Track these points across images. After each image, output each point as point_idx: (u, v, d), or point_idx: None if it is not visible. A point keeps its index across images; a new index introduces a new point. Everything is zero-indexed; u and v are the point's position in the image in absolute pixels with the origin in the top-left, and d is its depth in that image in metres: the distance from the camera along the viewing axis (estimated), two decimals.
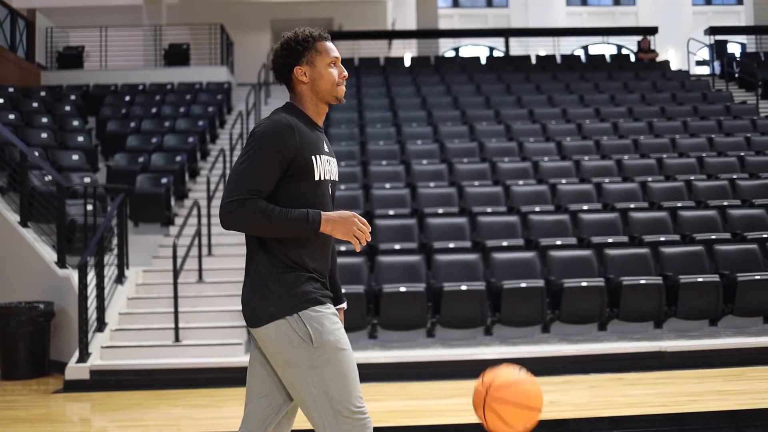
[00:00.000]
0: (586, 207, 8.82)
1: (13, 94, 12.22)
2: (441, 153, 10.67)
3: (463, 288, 7.11)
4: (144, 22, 17.17)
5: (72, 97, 12.96)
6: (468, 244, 8.01)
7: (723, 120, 11.93)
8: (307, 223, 2.38)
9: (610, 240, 8.07)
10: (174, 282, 7.16)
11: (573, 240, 8.16)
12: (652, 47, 16.83)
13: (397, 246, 7.89)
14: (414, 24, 19.01)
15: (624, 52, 19.09)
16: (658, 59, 16.57)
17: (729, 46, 17.84)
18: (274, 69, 2.58)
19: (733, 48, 19.56)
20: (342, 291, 2.75)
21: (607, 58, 16.88)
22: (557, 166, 10.10)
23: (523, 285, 7.15)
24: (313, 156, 2.46)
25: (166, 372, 6.81)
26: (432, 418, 5.54)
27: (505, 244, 7.96)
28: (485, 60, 16.75)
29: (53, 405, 6.27)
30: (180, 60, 15.63)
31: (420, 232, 8.42)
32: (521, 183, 9.50)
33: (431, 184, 9.56)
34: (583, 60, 17.00)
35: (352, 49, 17.45)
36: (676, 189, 9.38)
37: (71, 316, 7.25)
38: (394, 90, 13.66)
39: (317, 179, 2.47)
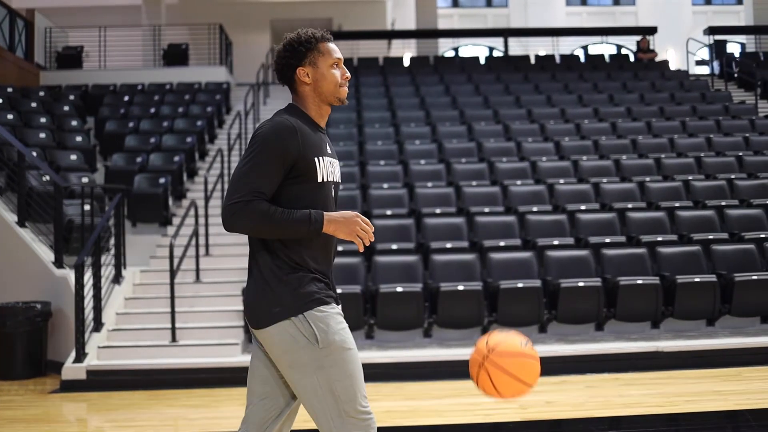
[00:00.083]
0: (583, 207, 8.82)
1: (12, 94, 12.23)
2: (439, 153, 10.67)
3: (460, 288, 7.11)
4: (143, 22, 17.18)
5: (71, 97, 12.98)
6: (465, 244, 8.02)
7: (722, 120, 11.93)
8: (310, 224, 2.38)
9: (607, 240, 8.07)
10: (171, 282, 7.16)
11: (570, 240, 8.16)
12: (651, 47, 16.83)
13: (394, 246, 7.89)
14: (413, 24, 19.00)
15: (623, 52, 19.08)
16: (657, 59, 16.57)
17: (728, 45, 17.83)
18: (276, 70, 2.58)
19: (733, 48, 19.55)
20: (337, 292, 2.75)
21: (606, 58, 16.88)
22: (555, 166, 10.10)
23: (520, 285, 7.15)
24: (316, 158, 2.45)
25: (163, 372, 6.81)
26: (429, 418, 5.54)
27: (503, 244, 7.96)
28: (484, 60, 16.75)
29: (50, 405, 6.27)
30: (179, 60, 15.64)
31: (417, 232, 8.43)
32: (519, 183, 9.50)
33: (429, 184, 9.56)
34: (582, 60, 16.99)
35: (351, 49, 17.45)
36: (674, 189, 9.37)
37: (68, 316, 7.25)
38: (392, 90, 13.66)
39: (320, 181, 2.47)
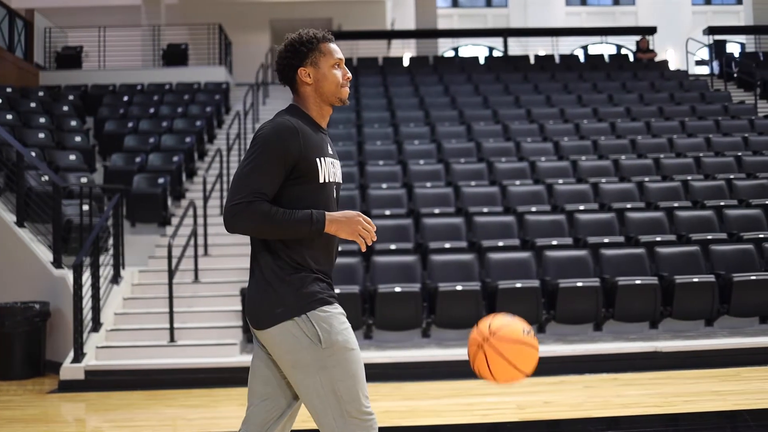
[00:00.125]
0: (582, 207, 8.81)
1: (11, 94, 12.24)
2: (438, 153, 10.67)
3: (459, 288, 7.11)
4: (143, 22, 17.18)
5: (70, 98, 12.98)
6: (464, 244, 8.01)
7: (721, 120, 11.93)
8: (312, 224, 2.38)
9: (606, 240, 8.07)
10: (169, 282, 7.15)
11: (569, 240, 8.16)
12: (651, 47, 16.82)
13: (393, 246, 7.88)
14: (413, 24, 19.01)
15: (623, 52, 19.08)
16: (656, 59, 16.56)
17: (728, 45, 17.83)
18: (277, 70, 2.58)
19: (732, 48, 19.55)
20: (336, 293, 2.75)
21: (606, 58, 16.88)
22: (554, 166, 10.10)
23: (519, 285, 7.15)
24: (318, 158, 2.45)
25: (161, 372, 6.80)
26: (427, 418, 5.54)
27: (501, 244, 7.95)
28: (484, 60, 16.75)
29: (48, 405, 6.27)
30: (178, 60, 15.65)
31: (416, 232, 8.42)
32: (518, 183, 9.50)
33: (428, 184, 9.56)
34: (582, 60, 16.99)
35: (350, 49, 17.45)
36: (672, 189, 9.37)
37: (67, 316, 7.25)
38: (392, 90, 13.66)
39: (322, 182, 2.47)
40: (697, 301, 7.27)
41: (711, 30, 17.30)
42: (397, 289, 7.09)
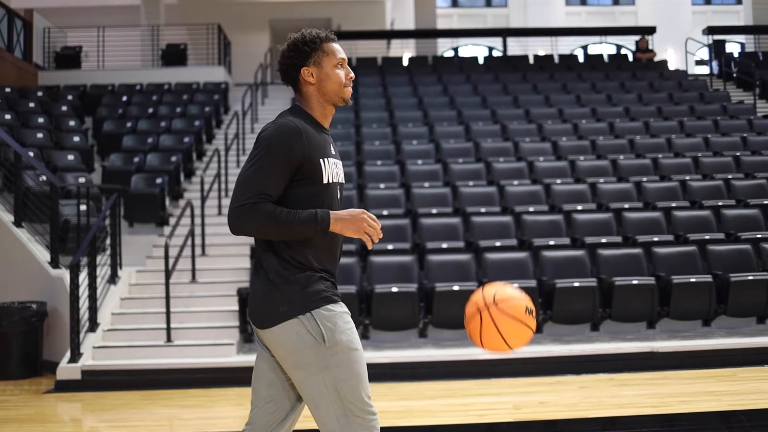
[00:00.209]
0: (580, 207, 8.81)
1: (10, 94, 12.25)
2: (436, 153, 10.67)
3: (456, 288, 7.10)
4: (142, 22, 17.19)
5: (69, 97, 12.99)
6: (461, 244, 8.01)
7: (720, 120, 11.92)
8: (317, 224, 2.37)
9: (603, 240, 8.06)
10: (166, 282, 7.15)
11: (566, 240, 8.15)
12: (650, 47, 16.81)
13: (390, 246, 7.88)
14: (412, 24, 19.01)
15: (623, 52, 19.08)
16: (656, 59, 16.56)
17: (728, 45, 17.82)
18: (280, 70, 2.58)
19: (732, 48, 19.54)
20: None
21: (605, 57, 16.87)
22: (552, 166, 10.09)
23: (515, 285, 7.11)
24: (321, 159, 2.45)
25: (158, 372, 6.80)
26: (422, 418, 5.54)
27: (498, 244, 7.95)
28: (483, 60, 16.75)
29: (44, 405, 6.27)
30: (177, 60, 15.66)
31: (413, 232, 8.42)
32: (516, 183, 9.50)
33: (426, 184, 9.56)
34: (581, 60, 16.99)
35: (350, 49, 17.43)
36: (670, 189, 9.37)
37: (64, 316, 7.25)
38: (390, 90, 13.66)
39: (326, 182, 2.46)
40: (695, 302, 7.27)
41: (710, 30, 17.30)
42: (394, 289, 7.09)
